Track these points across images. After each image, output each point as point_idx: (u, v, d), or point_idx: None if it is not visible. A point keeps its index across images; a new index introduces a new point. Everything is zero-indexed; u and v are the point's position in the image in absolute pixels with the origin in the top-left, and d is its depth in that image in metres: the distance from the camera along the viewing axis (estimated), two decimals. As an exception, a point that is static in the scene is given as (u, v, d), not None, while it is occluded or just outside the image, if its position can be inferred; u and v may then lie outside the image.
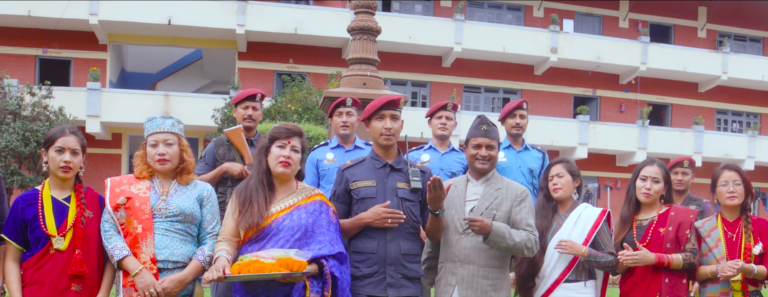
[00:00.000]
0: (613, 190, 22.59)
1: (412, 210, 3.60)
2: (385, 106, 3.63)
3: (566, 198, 3.93)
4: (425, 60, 21.98)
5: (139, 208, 3.33)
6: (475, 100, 22.91)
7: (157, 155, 3.40)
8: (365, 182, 3.61)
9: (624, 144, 22.16)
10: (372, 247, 3.52)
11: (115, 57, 21.18)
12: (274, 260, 3.07)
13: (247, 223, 3.27)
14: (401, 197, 3.57)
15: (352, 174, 3.67)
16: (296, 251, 3.17)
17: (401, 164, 3.67)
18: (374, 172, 3.63)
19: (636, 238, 3.81)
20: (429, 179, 3.64)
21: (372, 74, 7.25)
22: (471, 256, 3.59)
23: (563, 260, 3.79)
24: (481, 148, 3.70)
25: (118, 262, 3.27)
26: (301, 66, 20.90)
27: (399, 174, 3.64)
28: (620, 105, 23.79)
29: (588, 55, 22.17)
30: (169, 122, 3.50)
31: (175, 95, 19.58)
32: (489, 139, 3.70)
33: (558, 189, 3.90)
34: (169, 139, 3.44)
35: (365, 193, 3.59)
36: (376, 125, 3.63)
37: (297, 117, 14.38)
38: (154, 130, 3.46)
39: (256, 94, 4.95)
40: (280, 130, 3.40)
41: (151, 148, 3.43)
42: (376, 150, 3.70)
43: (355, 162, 3.75)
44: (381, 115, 3.63)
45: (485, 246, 3.57)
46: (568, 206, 3.94)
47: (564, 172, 3.92)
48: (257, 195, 3.33)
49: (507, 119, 5.22)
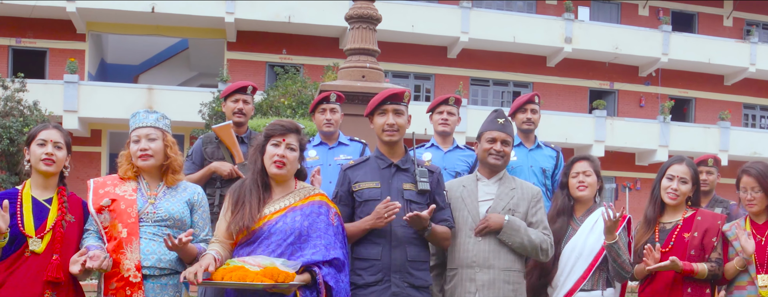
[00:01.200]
0: (632, 191, 22.58)
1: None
2: (388, 101, 3.63)
3: (587, 200, 3.93)
4: (429, 50, 21.96)
5: (125, 210, 3.33)
6: (483, 94, 22.90)
7: (139, 151, 3.41)
8: (369, 183, 3.61)
9: (644, 141, 22.15)
10: (375, 253, 3.52)
11: (95, 47, 21.16)
12: (259, 269, 3.06)
13: (238, 226, 3.27)
14: (407, 199, 3.57)
15: (354, 174, 3.67)
16: (283, 261, 3.15)
17: (408, 163, 3.67)
18: (378, 172, 3.63)
19: (658, 242, 3.80)
20: (437, 178, 3.65)
21: (372, 66, 7.25)
22: (491, 259, 3.60)
23: (578, 268, 3.79)
24: (496, 142, 3.70)
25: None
26: (295, 57, 20.89)
27: (405, 174, 3.64)
28: (640, 99, 23.78)
29: (605, 45, 22.15)
30: (153, 117, 3.52)
31: (160, 89, 19.58)
32: (505, 133, 3.71)
33: (584, 188, 3.89)
34: (151, 134, 3.45)
35: (369, 195, 3.59)
36: (379, 121, 3.63)
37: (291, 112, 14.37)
38: (138, 125, 3.48)
39: (247, 87, 4.95)
40: (274, 126, 3.40)
41: (134, 144, 3.44)
42: (381, 148, 3.70)
43: (358, 161, 3.76)
44: (383, 111, 3.63)
45: (505, 248, 3.59)
46: (585, 210, 3.93)
47: (591, 170, 3.92)
48: (250, 196, 3.33)
49: (517, 114, 5.21)
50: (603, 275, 3.80)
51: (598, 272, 3.80)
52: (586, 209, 3.94)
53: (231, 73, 19.74)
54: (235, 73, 19.83)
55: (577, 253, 3.82)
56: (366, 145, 5.18)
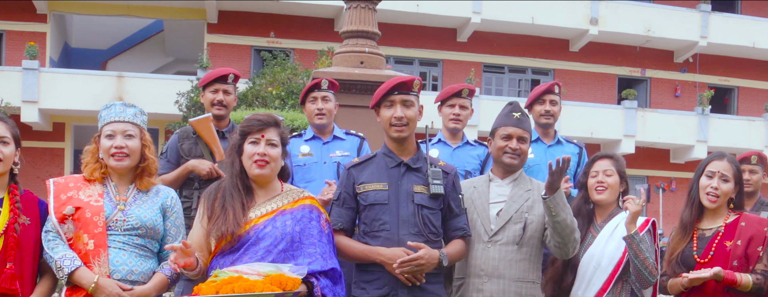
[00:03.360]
0: (666, 192, 22.58)
1: (432, 219, 3.58)
2: (395, 90, 3.61)
3: (608, 203, 3.92)
4: (436, 33, 21.94)
5: (91, 219, 3.32)
6: (498, 83, 22.87)
7: (114, 148, 3.40)
8: (374, 185, 3.61)
9: (679, 136, 22.13)
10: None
11: (57, 30, 21.13)
12: (261, 277, 3.06)
13: (220, 232, 3.26)
14: (418, 204, 3.56)
15: (359, 174, 3.66)
16: (290, 267, 3.16)
17: (419, 162, 3.66)
18: (386, 172, 3.63)
19: (696, 252, 3.80)
20: (453, 180, 3.63)
21: (371, 51, 7.23)
22: (500, 268, 3.61)
23: (597, 279, 3.78)
24: (512, 139, 3.71)
25: (70, 275, 3.25)
26: (285, 41, 20.87)
27: (416, 175, 3.63)
28: (675, 88, 23.75)
29: (636, 27, 22.12)
30: (132, 111, 3.51)
31: (131, 76, 19.54)
32: (522, 129, 3.71)
33: (603, 189, 3.89)
34: (129, 130, 3.44)
35: (375, 198, 3.58)
36: (385, 114, 3.62)
37: (279, 103, 14.36)
38: (113, 119, 3.47)
39: (228, 75, 4.95)
40: (250, 122, 3.39)
41: (107, 139, 3.43)
42: (389, 145, 3.69)
43: (363, 159, 3.76)
44: (390, 102, 3.61)
45: (518, 256, 3.59)
46: (607, 215, 3.93)
47: (613, 170, 3.92)
48: (232, 200, 3.33)
49: (535, 106, 5.21)
50: (626, 287, 3.80)
51: (621, 284, 3.79)
52: (608, 214, 3.93)
53: (211, 58, 19.73)
54: (217, 59, 19.82)
55: (595, 263, 3.82)
56: (364, 139, 5.18)
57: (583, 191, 4.00)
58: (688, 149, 22.49)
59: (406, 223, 3.53)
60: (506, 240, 3.66)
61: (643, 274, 3.72)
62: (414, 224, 3.54)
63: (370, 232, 3.58)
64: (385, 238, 3.52)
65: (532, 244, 3.70)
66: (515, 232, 3.67)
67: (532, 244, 3.69)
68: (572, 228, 3.55)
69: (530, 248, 3.69)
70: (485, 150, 5.10)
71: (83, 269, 3.25)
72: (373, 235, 3.56)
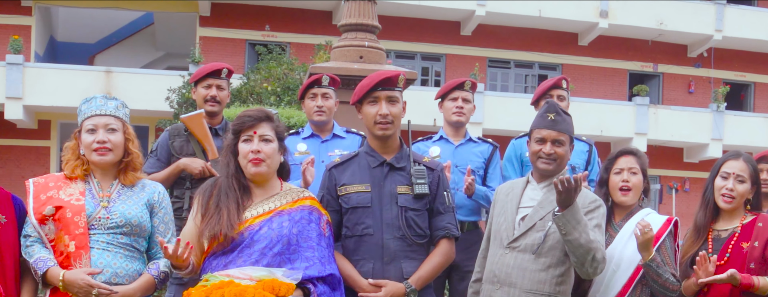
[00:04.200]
0: (680, 193, 22.58)
1: (417, 221, 3.59)
2: (379, 86, 3.60)
3: (632, 203, 3.91)
4: (439, 26, 21.93)
5: (72, 219, 3.32)
6: (503, 78, 22.87)
7: (96, 143, 3.40)
8: (356, 186, 3.61)
9: (693, 134, 22.12)
10: (367, 270, 3.53)
11: (43, 23, 21.14)
12: (253, 282, 3.06)
13: (212, 232, 3.27)
14: (402, 205, 3.57)
15: (340, 175, 3.66)
16: (284, 271, 3.16)
17: (403, 161, 3.66)
18: (368, 172, 3.63)
19: (711, 253, 3.79)
20: (438, 176, 3.63)
21: (371, 45, 7.23)
22: (513, 276, 3.59)
23: (616, 282, 3.77)
24: (546, 142, 3.67)
25: (43, 276, 3.25)
26: (281, 34, 20.86)
27: (400, 174, 3.63)
28: (689, 84, 23.74)
29: (647, 20, 22.11)
30: (113, 104, 3.52)
31: (119, 71, 19.54)
32: (556, 131, 3.67)
33: (627, 190, 3.88)
34: (111, 124, 3.45)
35: (357, 201, 3.59)
36: (369, 111, 3.61)
37: (275, 99, 14.36)
38: (93, 113, 3.47)
39: (222, 70, 4.95)
40: (241, 119, 3.40)
41: (88, 134, 3.44)
42: (372, 143, 3.69)
43: (345, 158, 3.75)
44: (374, 98, 3.61)
45: (533, 266, 3.56)
46: (626, 213, 3.92)
47: (638, 167, 3.91)
48: (227, 199, 3.33)
49: (542, 102, 5.20)
50: (646, 290, 3.79)
51: (640, 287, 3.78)
52: (627, 213, 3.93)
53: (204, 53, 19.72)
54: (209, 54, 19.81)
55: (614, 265, 3.81)
56: (365, 138, 5.18)
57: (604, 188, 3.98)
58: (703, 148, 22.47)
59: (390, 226, 3.54)
60: (524, 247, 3.61)
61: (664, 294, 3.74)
62: (398, 227, 3.55)
63: (353, 236, 3.58)
64: (369, 243, 3.53)
65: (554, 256, 3.58)
66: (535, 240, 3.60)
67: (552, 255, 3.58)
68: (587, 248, 3.41)
69: (550, 260, 3.58)
70: (489, 147, 5.11)
71: (53, 268, 3.25)
72: (356, 240, 3.57)
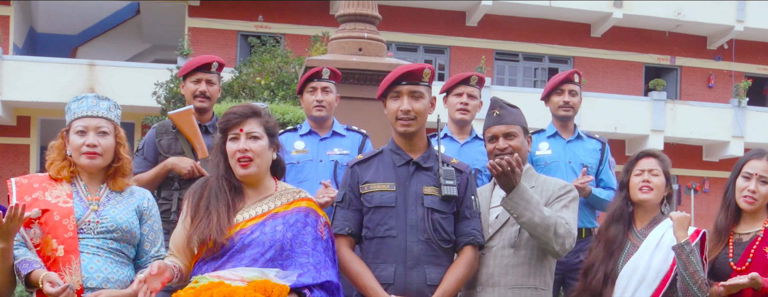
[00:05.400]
0: (699, 193, 22.58)
1: (443, 224, 3.58)
2: (402, 80, 3.61)
3: (651, 206, 3.91)
4: (443, 17, 21.93)
5: (60, 222, 3.33)
6: (511, 72, 22.86)
7: (86, 146, 3.41)
8: (380, 185, 3.61)
9: (713, 131, 22.11)
10: (387, 275, 3.51)
11: (22, 13, 21.13)
12: (244, 283, 3.06)
13: (201, 237, 3.27)
14: (428, 207, 3.56)
15: (363, 172, 3.67)
16: (276, 271, 3.17)
17: (430, 160, 3.66)
18: (393, 170, 3.63)
19: (732, 258, 3.80)
20: (467, 179, 3.64)
21: (371, 36, 7.22)
22: (495, 275, 3.63)
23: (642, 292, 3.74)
24: (498, 139, 3.73)
25: (26, 277, 3.24)
26: (275, 25, 20.86)
27: (427, 174, 3.63)
28: (708, 78, 23.73)
29: (664, 10, 22.09)
30: (105, 105, 3.52)
31: (104, 65, 19.54)
32: (505, 125, 3.74)
33: (648, 190, 3.87)
34: (103, 127, 3.46)
35: (380, 200, 3.58)
36: (391, 106, 3.63)
37: (268, 94, 14.37)
38: (84, 113, 3.47)
39: (211, 64, 4.95)
40: (227, 117, 3.41)
41: (77, 136, 3.44)
42: (397, 140, 3.70)
43: (368, 155, 3.76)
44: (397, 93, 3.61)
45: (514, 260, 3.61)
46: (649, 220, 3.91)
47: (659, 169, 3.90)
48: (217, 202, 3.34)
49: (552, 97, 5.21)
50: (676, 303, 3.79)
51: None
52: (651, 220, 3.91)
53: (193, 45, 19.72)
54: (199, 46, 19.81)
55: (639, 277, 3.78)
56: (367, 136, 5.18)
57: (625, 191, 3.97)
58: (723, 146, 22.47)
59: (415, 228, 3.53)
60: (502, 244, 3.67)
61: (691, 289, 3.66)
62: (423, 230, 3.54)
63: (375, 238, 3.57)
64: (391, 245, 3.52)
65: (533, 247, 3.67)
66: (511, 234, 3.67)
67: (531, 246, 3.66)
68: (545, 225, 3.49)
69: (529, 251, 3.67)
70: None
71: (37, 271, 3.23)
72: (378, 241, 3.56)
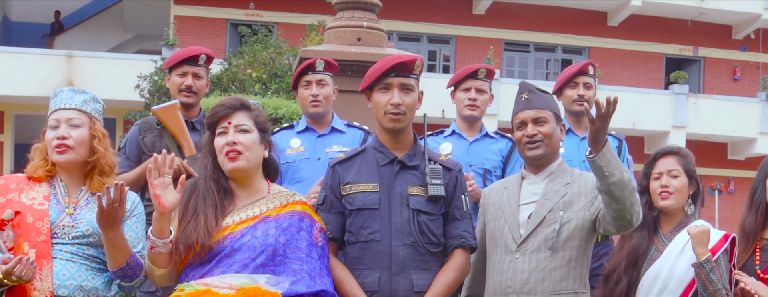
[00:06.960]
0: (724, 194, 22.58)
1: (431, 226, 3.58)
2: (392, 72, 3.59)
3: (675, 210, 3.90)
4: (448, 5, 21.94)
5: (33, 225, 3.33)
6: (522, 63, 22.88)
7: (56, 139, 3.41)
8: (363, 185, 3.61)
9: (739, 127, 22.13)
10: (372, 282, 3.52)
11: (-5, 0, 21.17)
12: (233, 291, 3.07)
13: (188, 241, 3.28)
14: (414, 208, 3.56)
15: (345, 173, 3.67)
16: (267, 277, 3.17)
17: (416, 159, 3.66)
18: (377, 170, 3.63)
19: (758, 266, 3.80)
20: (456, 177, 3.63)
21: (370, 25, 7.23)
22: (531, 281, 3.59)
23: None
24: (526, 125, 3.70)
25: None
26: (267, 13, 20.86)
27: (413, 174, 3.63)
28: (734, 70, 23.74)
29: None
30: (81, 98, 3.53)
31: (82, 56, 19.54)
32: (534, 110, 3.70)
33: (668, 194, 3.86)
34: (74, 119, 3.46)
35: (363, 202, 3.58)
36: (380, 99, 3.60)
37: (260, 88, 14.37)
38: (58, 106, 3.49)
39: (199, 56, 4.95)
40: (214, 111, 3.42)
41: (50, 130, 3.45)
42: (381, 137, 3.69)
43: (350, 154, 3.75)
44: (386, 85, 3.60)
45: (552, 264, 3.57)
46: (675, 223, 3.91)
47: (679, 169, 3.88)
48: (205, 204, 3.34)
49: (565, 90, 5.21)
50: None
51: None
52: (677, 223, 3.90)
53: (179, 34, 19.72)
54: (185, 35, 19.82)
55: (662, 283, 3.79)
56: (369, 133, 5.17)
57: (646, 196, 3.94)
58: (750, 143, 22.48)
59: (400, 231, 3.53)
60: (537, 246, 3.61)
61: None
62: (409, 233, 3.53)
63: (357, 243, 3.58)
64: (375, 250, 3.53)
65: (572, 247, 3.62)
66: (547, 235, 3.61)
67: (571, 246, 3.62)
68: (632, 187, 3.42)
69: (569, 253, 3.62)
70: (508, 143, 5.09)
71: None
72: (361, 246, 3.56)
